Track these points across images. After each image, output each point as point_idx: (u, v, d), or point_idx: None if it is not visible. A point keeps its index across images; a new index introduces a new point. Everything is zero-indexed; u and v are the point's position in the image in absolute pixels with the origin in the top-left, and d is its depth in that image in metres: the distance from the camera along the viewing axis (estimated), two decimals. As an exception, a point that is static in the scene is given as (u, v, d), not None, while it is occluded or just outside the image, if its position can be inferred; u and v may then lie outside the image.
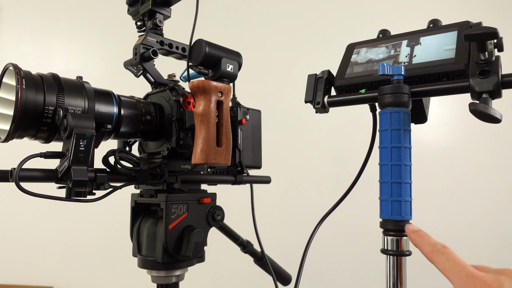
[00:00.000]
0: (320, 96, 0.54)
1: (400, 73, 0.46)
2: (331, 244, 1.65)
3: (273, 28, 1.85)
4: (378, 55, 0.54)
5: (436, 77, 0.47)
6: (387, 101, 0.46)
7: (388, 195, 0.45)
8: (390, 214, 0.45)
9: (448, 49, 0.48)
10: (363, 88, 0.53)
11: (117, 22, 1.84)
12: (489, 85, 0.41)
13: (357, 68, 0.55)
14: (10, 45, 2.05)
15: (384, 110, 0.47)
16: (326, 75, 0.55)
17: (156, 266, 0.61)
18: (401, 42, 0.54)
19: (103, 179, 0.54)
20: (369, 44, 0.58)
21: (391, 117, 0.46)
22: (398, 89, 0.46)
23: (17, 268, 1.87)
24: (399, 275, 0.46)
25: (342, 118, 1.70)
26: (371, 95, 0.51)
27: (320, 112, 0.56)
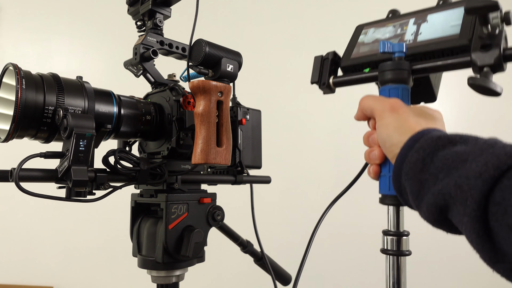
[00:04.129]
0: (325, 77, 0.54)
1: (402, 50, 0.46)
2: (331, 244, 1.65)
3: (273, 28, 1.85)
4: (385, 34, 0.54)
5: (440, 54, 0.47)
6: (386, 78, 0.46)
7: (386, 171, 0.46)
8: (388, 189, 0.46)
9: (454, 25, 0.47)
10: (367, 67, 0.52)
11: (117, 22, 1.84)
12: (490, 58, 0.40)
13: (363, 48, 0.55)
14: (10, 45, 2.05)
15: (384, 87, 0.47)
16: (332, 56, 0.55)
17: (156, 266, 0.61)
18: (409, 20, 0.53)
19: (103, 179, 0.54)
20: (377, 24, 0.57)
21: (389, 93, 0.46)
22: (398, 66, 0.46)
23: (17, 268, 1.87)
24: (399, 275, 0.46)
25: (342, 118, 1.70)
26: (374, 74, 0.50)
27: (326, 92, 0.56)
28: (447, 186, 0.33)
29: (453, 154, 0.34)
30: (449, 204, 0.33)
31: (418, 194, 0.37)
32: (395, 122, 0.42)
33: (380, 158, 0.45)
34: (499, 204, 0.29)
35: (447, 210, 0.33)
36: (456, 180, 0.32)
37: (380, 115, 0.43)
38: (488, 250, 0.31)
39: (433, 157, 0.36)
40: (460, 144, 0.35)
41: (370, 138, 0.46)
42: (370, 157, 0.46)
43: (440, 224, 0.36)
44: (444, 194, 0.33)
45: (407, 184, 0.38)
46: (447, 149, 0.35)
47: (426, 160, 0.36)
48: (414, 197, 0.37)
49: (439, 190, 0.34)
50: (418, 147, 0.37)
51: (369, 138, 0.47)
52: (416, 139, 0.38)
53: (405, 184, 0.39)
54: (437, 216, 0.35)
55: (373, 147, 0.46)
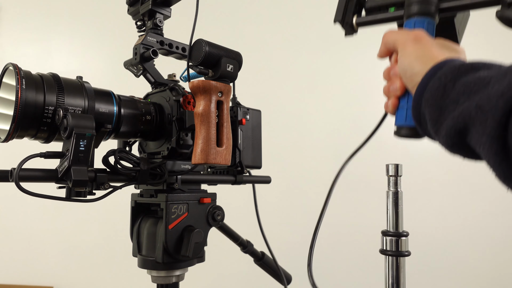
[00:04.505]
0: (349, 16, 0.54)
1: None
2: (330, 244, 1.65)
3: (273, 28, 1.85)
4: None
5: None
6: (413, 10, 0.46)
7: (405, 103, 0.45)
8: (405, 120, 0.45)
9: None
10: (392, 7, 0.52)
11: (117, 22, 1.84)
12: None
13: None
14: (10, 45, 2.05)
15: (409, 20, 0.46)
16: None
17: (156, 266, 0.61)
18: None
19: (103, 179, 0.54)
20: None
21: (415, 25, 0.46)
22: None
23: (17, 268, 1.87)
24: (398, 275, 0.46)
25: (342, 118, 1.70)
26: (399, 14, 0.50)
27: (348, 33, 0.55)
28: (467, 108, 0.33)
29: (476, 78, 0.34)
30: (468, 126, 0.33)
31: (438, 120, 0.37)
32: (417, 51, 0.42)
33: (401, 90, 0.45)
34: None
35: (466, 132, 0.34)
36: (477, 102, 0.32)
37: (403, 44, 0.44)
38: (504, 168, 0.31)
39: (455, 83, 0.35)
40: (483, 70, 0.35)
41: (392, 71, 0.46)
42: (390, 90, 0.46)
43: (458, 149, 0.36)
44: (464, 116, 0.33)
45: (427, 111, 0.38)
46: (470, 74, 0.35)
47: (447, 86, 0.36)
48: (433, 123, 0.37)
49: (459, 113, 0.34)
50: (440, 74, 0.37)
51: (390, 72, 0.47)
52: (439, 67, 0.39)
53: (425, 112, 0.39)
54: (456, 140, 0.35)
55: (394, 80, 0.46)
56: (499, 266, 1.59)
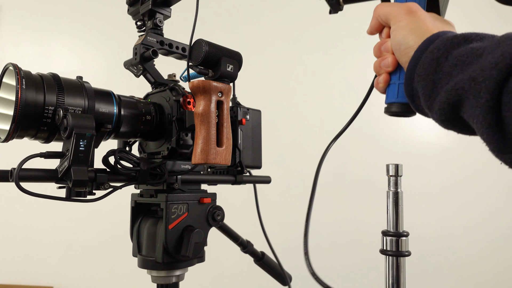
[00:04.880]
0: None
1: None
2: (330, 244, 1.65)
3: (273, 28, 1.85)
4: None
5: None
6: None
7: (396, 79, 0.44)
8: (396, 97, 0.44)
9: None
10: None
11: (117, 22, 1.84)
12: None
13: None
14: (10, 45, 2.05)
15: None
16: None
17: (156, 266, 0.61)
18: None
19: (103, 179, 0.54)
20: None
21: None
22: None
23: (17, 268, 1.87)
24: (398, 275, 0.46)
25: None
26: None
27: (334, 9, 0.54)
28: (461, 81, 0.32)
29: (468, 50, 0.33)
30: (462, 99, 0.32)
31: (431, 94, 0.36)
32: (412, 24, 0.41)
33: (393, 65, 0.44)
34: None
35: (460, 106, 0.33)
36: (471, 74, 0.31)
37: (396, 17, 0.42)
38: (498, 140, 0.30)
39: (448, 56, 0.35)
40: (476, 41, 0.34)
41: (383, 46, 0.45)
42: (381, 66, 0.45)
43: (452, 123, 0.35)
44: (458, 89, 0.32)
45: (420, 86, 0.37)
46: (463, 46, 0.34)
47: (440, 60, 0.35)
48: (426, 98, 0.36)
49: (452, 86, 0.33)
50: (433, 47, 0.36)
51: (382, 46, 0.45)
52: (431, 40, 0.38)
53: (418, 87, 0.38)
54: (450, 114, 0.34)
55: (385, 55, 0.45)
56: (499, 266, 1.59)
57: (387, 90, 0.45)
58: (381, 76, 0.45)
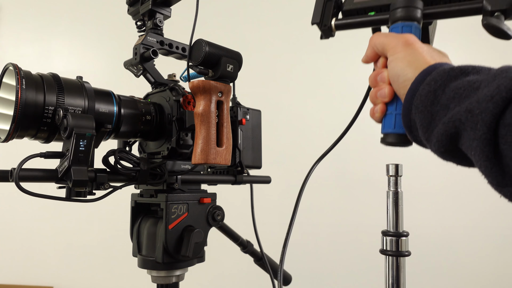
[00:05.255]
0: (328, 19, 0.53)
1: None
2: (330, 244, 1.65)
3: (273, 28, 1.85)
4: None
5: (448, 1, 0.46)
6: (399, 15, 0.46)
7: (393, 109, 0.44)
8: (393, 127, 0.44)
9: None
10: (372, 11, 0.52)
11: (117, 22, 1.84)
12: (502, 3, 0.41)
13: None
14: (10, 45, 2.05)
15: (396, 24, 0.46)
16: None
17: (156, 266, 0.61)
18: None
19: (103, 179, 0.54)
20: None
21: (402, 30, 0.45)
22: (411, 3, 0.45)
23: (17, 268, 1.87)
24: (398, 275, 0.46)
25: (342, 117, 1.69)
26: (381, 17, 0.50)
27: (326, 35, 0.54)
28: (458, 113, 0.32)
29: (465, 83, 0.33)
30: (459, 131, 0.32)
31: (429, 126, 0.36)
32: (409, 56, 0.41)
33: (390, 95, 0.44)
34: (509, 125, 0.28)
35: (457, 137, 0.33)
36: (467, 106, 0.31)
37: (394, 49, 0.43)
38: (496, 173, 0.30)
39: (445, 88, 0.35)
40: (472, 74, 0.35)
41: (379, 76, 0.45)
42: (377, 96, 0.45)
43: (450, 155, 0.36)
44: (455, 121, 0.32)
45: (417, 117, 0.37)
46: (460, 79, 0.35)
47: (437, 92, 0.35)
48: (424, 130, 0.37)
49: (449, 118, 0.33)
50: (430, 79, 0.37)
51: (378, 77, 0.45)
52: (428, 72, 0.38)
53: (415, 118, 0.38)
54: (448, 146, 0.34)
55: (382, 86, 0.45)
56: (499, 266, 1.59)
57: (383, 120, 0.46)
58: (378, 106, 0.45)
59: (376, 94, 0.45)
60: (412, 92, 0.38)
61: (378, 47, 0.45)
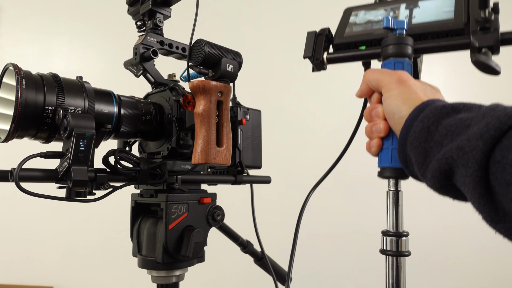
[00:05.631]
0: (319, 53, 0.54)
1: (403, 27, 0.47)
2: (330, 245, 1.65)
3: (273, 28, 1.85)
4: (377, 16, 0.55)
5: (436, 36, 0.48)
6: (390, 51, 0.47)
7: (389, 144, 0.45)
8: (390, 162, 0.45)
9: (447, 11, 0.49)
10: (362, 45, 0.53)
11: (117, 22, 1.84)
12: (489, 40, 0.42)
13: (356, 28, 0.55)
14: (10, 45, 2.05)
15: (388, 60, 0.47)
16: (326, 32, 0.55)
17: (156, 266, 0.61)
18: (400, 5, 0.54)
19: (103, 179, 0.54)
20: (367, 7, 0.58)
21: (395, 66, 0.46)
22: (403, 40, 0.46)
23: (17, 268, 1.87)
24: (398, 275, 0.46)
25: (342, 117, 1.70)
26: (373, 51, 0.51)
27: (318, 68, 0.55)
28: (450, 150, 0.33)
29: (457, 121, 0.35)
30: (452, 168, 0.33)
31: (424, 162, 0.37)
32: (404, 93, 0.42)
33: (385, 131, 0.45)
34: (498, 162, 0.29)
35: (451, 174, 0.34)
36: (459, 144, 0.32)
37: (388, 86, 0.43)
38: (489, 210, 0.31)
39: (438, 125, 0.36)
40: (464, 111, 0.36)
41: (374, 111, 0.46)
42: (373, 131, 0.46)
43: (446, 191, 0.36)
44: (447, 158, 0.33)
45: (412, 153, 0.38)
46: (451, 117, 0.36)
47: (431, 129, 0.36)
48: (419, 166, 0.38)
49: (442, 155, 0.34)
50: (423, 116, 0.38)
51: (372, 112, 0.46)
52: (422, 109, 0.39)
53: (411, 154, 0.39)
54: (443, 182, 0.35)
55: (377, 121, 0.45)
56: (499, 266, 1.59)
57: (380, 154, 0.46)
58: (374, 141, 0.46)
59: (371, 129, 0.46)
60: (406, 129, 0.39)
61: (372, 83, 0.46)
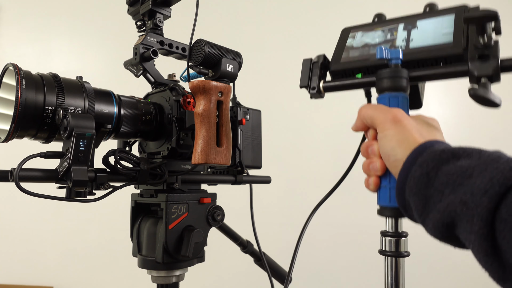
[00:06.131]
0: (315, 81, 0.53)
1: (398, 57, 0.45)
2: (329, 245, 1.65)
3: (273, 28, 1.85)
4: (375, 39, 0.53)
5: (434, 62, 0.46)
6: (385, 85, 0.45)
7: (387, 182, 0.44)
8: (389, 201, 0.44)
9: (446, 33, 0.47)
10: (359, 72, 0.51)
11: (117, 22, 1.84)
12: (488, 69, 0.40)
13: (353, 52, 0.54)
14: (10, 45, 2.05)
15: (383, 94, 0.46)
16: (322, 60, 0.54)
17: (156, 266, 0.61)
18: (398, 26, 0.53)
19: (103, 179, 0.54)
20: (364, 28, 0.56)
21: (390, 102, 0.45)
22: (397, 73, 0.45)
23: (17, 268, 1.87)
24: (397, 276, 0.46)
25: (342, 117, 1.70)
26: (368, 80, 0.49)
27: (315, 97, 0.54)
28: (452, 203, 0.32)
29: (458, 169, 0.33)
30: (455, 221, 0.32)
31: (424, 210, 0.36)
32: (398, 134, 0.40)
33: (381, 170, 0.43)
34: (505, 221, 0.28)
35: (454, 226, 0.33)
36: (462, 197, 0.31)
37: (383, 125, 0.42)
38: (496, 268, 0.30)
39: (438, 172, 0.35)
40: (463, 158, 0.35)
41: (370, 149, 0.44)
42: (370, 169, 0.45)
43: (448, 240, 0.35)
44: (450, 212, 0.32)
45: (412, 199, 0.37)
46: (451, 163, 0.34)
47: (430, 175, 0.35)
48: (419, 212, 0.37)
49: (444, 207, 0.33)
50: (422, 161, 0.36)
51: (369, 149, 0.45)
52: (419, 152, 0.37)
53: (409, 199, 0.38)
54: (445, 233, 0.34)
55: (373, 159, 0.44)
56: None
57: (378, 192, 0.45)
58: (371, 179, 0.45)
59: (368, 167, 0.45)
60: (404, 173, 0.38)
61: (367, 120, 0.45)
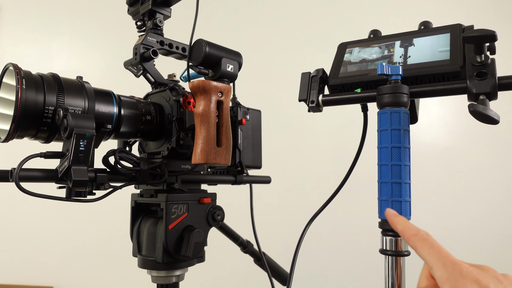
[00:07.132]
0: (314, 95, 0.54)
1: (398, 73, 0.46)
2: (330, 244, 1.65)
3: (273, 28, 1.85)
4: (372, 55, 0.54)
5: (432, 78, 0.48)
6: (386, 101, 0.46)
7: (388, 195, 0.45)
8: None
9: (442, 50, 0.49)
10: (358, 87, 0.52)
11: (117, 22, 1.84)
12: (486, 87, 0.42)
13: (351, 67, 0.55)
14: (10, 45, 2.05)
15: (384, 110, 0.47)
16: (321, 74, 0.55)
17: (156, 266, 0.61)
18: (394, 42, 0.54)
19: (103, 179, 0.54)
20: (361, 44, 0.57)
21: (391, 117, 0.46)
22: (398, 89, 0.46)
23: (17, 268, 1.87)
24: (398, 275, 0.46)
25: (342, 118, 1.70)
26: (368, 95, 0.50)
27: (314, 111, 0.55)
28: None
29: None
30: None
31: None
32: None
33: None
34: None
35: None
36: None
37: None
38: None
39: None
40: None
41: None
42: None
43: None
44: None
45: None
46: None
47: None
48: None
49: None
50: None
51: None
52: None
53: None
54: None
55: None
56: (499, 266, 1.59)
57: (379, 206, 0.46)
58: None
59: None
60: None
61: None
